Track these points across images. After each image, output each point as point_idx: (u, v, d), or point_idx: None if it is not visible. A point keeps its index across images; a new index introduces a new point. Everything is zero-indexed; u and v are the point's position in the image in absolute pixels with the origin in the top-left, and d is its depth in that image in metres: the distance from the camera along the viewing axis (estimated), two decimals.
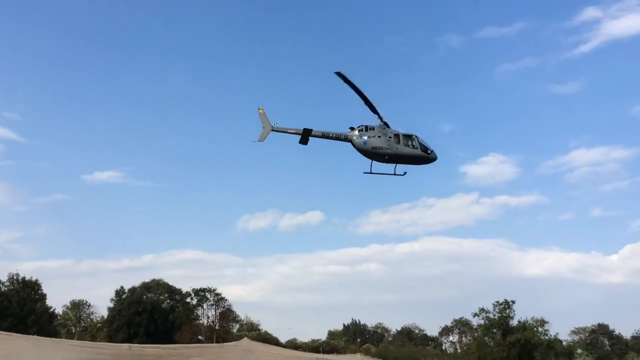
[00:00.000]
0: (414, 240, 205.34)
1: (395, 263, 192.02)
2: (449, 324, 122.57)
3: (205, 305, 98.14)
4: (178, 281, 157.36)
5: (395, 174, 32.22)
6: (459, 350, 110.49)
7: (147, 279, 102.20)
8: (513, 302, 75.85)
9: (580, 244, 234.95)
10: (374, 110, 31.84)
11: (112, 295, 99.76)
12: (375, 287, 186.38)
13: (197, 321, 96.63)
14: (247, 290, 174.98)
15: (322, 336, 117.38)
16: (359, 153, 31.95)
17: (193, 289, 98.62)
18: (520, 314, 76.59)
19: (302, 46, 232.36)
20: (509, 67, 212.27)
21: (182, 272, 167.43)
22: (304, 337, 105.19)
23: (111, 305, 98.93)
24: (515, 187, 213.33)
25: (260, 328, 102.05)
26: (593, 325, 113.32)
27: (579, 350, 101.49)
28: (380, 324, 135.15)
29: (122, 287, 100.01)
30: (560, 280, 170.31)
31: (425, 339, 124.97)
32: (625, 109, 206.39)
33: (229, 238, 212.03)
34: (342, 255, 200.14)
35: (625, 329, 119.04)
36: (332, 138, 32.24)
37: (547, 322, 75.00)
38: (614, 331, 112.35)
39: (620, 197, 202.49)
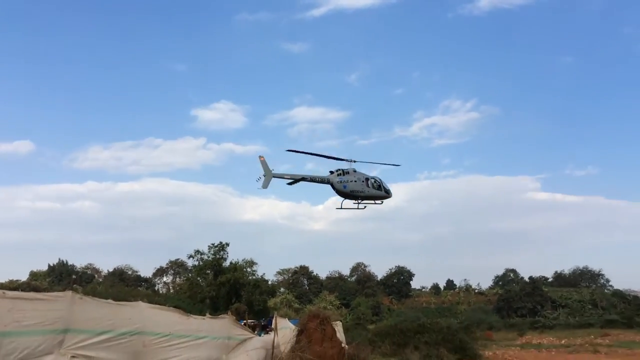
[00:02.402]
0: (135, 180, 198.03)
1: (113, 202, 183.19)
2: (164, 265, 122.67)
3: None
4: None
5: (358, 208, 38.41)
6: (171, 291, 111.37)
7: None
8: (227, 244, 78.88)
9: (293, 195, 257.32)
10: (336, 159, 37.92)
11: None
12: (89, 227, 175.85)
13: None
14: None
15: (23, 277, 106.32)
16: (336, 194, 37.70)
17: None
18: (234, 256, 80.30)
19: None
20: (246, 17, 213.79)
21: None
22: (1, 278, 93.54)
23: None
24: (241, 135, 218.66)
25: None
26: (296, 267, 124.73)
27: (282, 289, 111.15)
28: (90, 264, 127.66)
29: None
30: (273, 225, 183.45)
31: (138, 279, 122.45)
32: (342, 75, 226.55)
33: None
34: (53, 190, 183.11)
35: (321, 270, 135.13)
36: (318, 182, 38.01)
37: (256, 264, 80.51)
38: (312, 272, 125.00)
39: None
